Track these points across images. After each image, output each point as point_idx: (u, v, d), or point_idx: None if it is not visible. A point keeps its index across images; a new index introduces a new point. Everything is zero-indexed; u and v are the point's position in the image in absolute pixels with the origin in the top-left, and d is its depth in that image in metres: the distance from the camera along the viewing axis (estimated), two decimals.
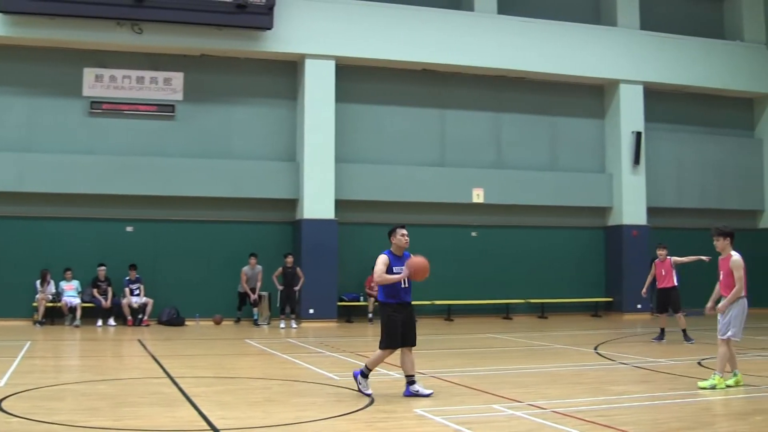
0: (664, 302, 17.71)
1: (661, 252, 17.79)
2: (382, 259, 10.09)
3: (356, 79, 24.73)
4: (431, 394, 10.03)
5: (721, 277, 11.16)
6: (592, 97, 27.38)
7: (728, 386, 10.56)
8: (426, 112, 25.63)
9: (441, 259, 24.99)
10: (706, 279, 25.72)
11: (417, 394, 9.99)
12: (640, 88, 26.84)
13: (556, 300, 25.79)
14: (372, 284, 8.73)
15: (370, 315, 23.15)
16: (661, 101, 27.92)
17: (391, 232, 10.29)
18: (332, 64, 23.68)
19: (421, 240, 24.52)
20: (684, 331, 17.27)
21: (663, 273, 17.62)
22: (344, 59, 23.98)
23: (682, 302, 17.84)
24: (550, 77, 26.29)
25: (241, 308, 22.89)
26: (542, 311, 25.84)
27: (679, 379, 11.74)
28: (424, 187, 24.95)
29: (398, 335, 10.03)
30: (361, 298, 23.90)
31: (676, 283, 17.60)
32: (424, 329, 20.70)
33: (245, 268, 22.59)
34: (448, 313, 24.88)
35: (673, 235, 26.76)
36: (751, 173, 28.95)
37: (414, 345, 10.19)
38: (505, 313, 25.45)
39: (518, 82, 26.31)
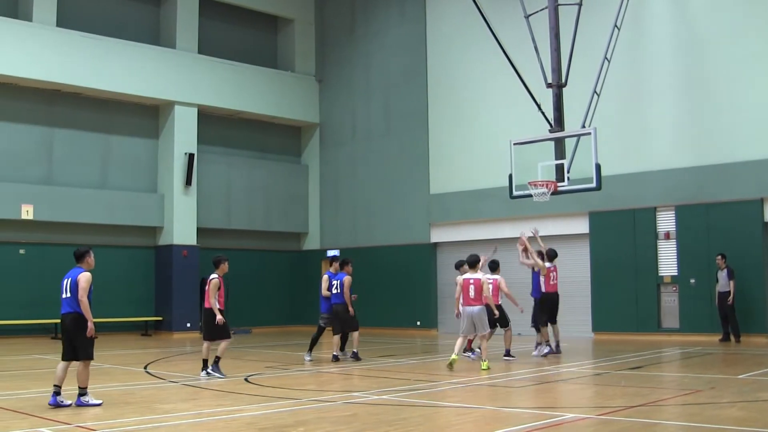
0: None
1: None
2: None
3: None
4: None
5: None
6: (146, 117, 29.88)
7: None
8: None
9: None
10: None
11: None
12: (194, 111, 29.86)
13: (105, 319, 26.74)
14: None
15: None
16: (215, 124, 31.35)
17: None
18: None
19: None
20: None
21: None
22: None
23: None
24: (105, 94, 28.35)
25: None
26: None
27: (226, 395, 12.69)
28: None
29: None
30: None
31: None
32: None
33: None
34: None
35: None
36: (297, 197, 33.31)
37: None
38: (54, 333, 26.42)
39: (73, 97, 28.01)
